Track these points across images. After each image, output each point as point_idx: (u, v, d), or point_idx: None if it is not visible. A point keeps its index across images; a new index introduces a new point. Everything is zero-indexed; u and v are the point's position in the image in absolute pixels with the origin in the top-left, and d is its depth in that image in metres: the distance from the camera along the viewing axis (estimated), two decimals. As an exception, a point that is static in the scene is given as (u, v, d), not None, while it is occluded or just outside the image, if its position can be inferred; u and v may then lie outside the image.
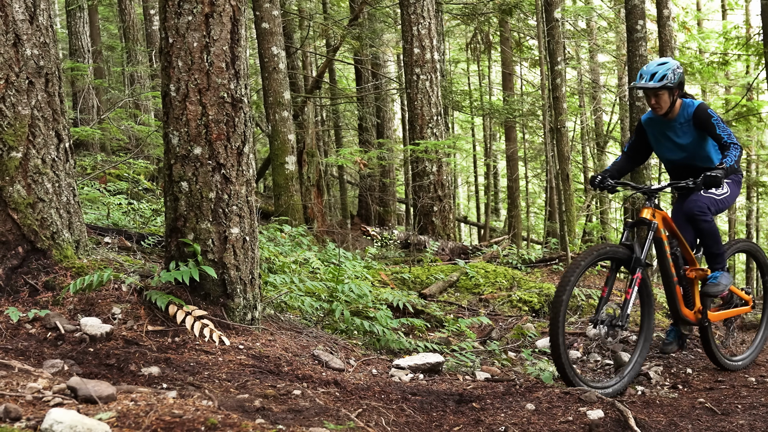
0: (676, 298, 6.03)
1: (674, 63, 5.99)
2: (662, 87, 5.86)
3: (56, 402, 3.03)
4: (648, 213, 5.81)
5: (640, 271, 5.58)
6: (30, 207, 4.97)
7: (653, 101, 5.97)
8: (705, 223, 5.98)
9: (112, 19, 24.72)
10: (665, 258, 5.93)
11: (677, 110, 6.08)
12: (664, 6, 13.87)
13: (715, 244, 6.12)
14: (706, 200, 5.98)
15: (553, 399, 4.96)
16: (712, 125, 5.90)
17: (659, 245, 5.89)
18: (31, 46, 5.01)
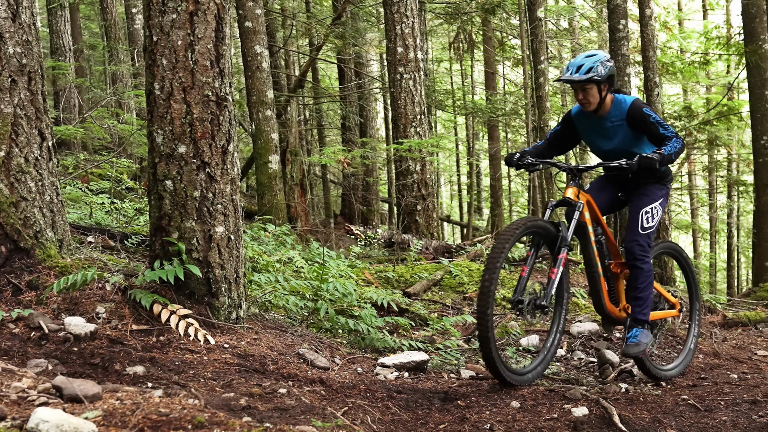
0: (600, 292, 5.65)
1: (604, 55, 5.59)
2: (589, 80, 5.44)
3: (41, 401, 3.02)
4: (572, 193, 5.46)
5: (566, 251, 5.27)
6: (13, 206, 4.94)
7: (581, 96, 5.57)
8: (644, 263, 5.67)
9: (93, 17, 24.61)
10: (589, 245, 5.56)
11: (608, 107, 5.67)
12: (646, 5, 13.92)
13: (647, 287, 5.73)
14: (646, 238, 5.68)
15: (537, 396, 4.98)
16: (651, 124, 5.54)
17: (582, 230, 5.51)
18: (14, 44, 4.99)
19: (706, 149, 21.04)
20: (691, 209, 24.77)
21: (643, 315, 5.70)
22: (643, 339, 5.62)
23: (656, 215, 5.73)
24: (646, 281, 5.67)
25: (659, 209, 5.76)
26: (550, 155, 5.98)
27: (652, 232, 5.70)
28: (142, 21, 17.72)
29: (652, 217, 5.71)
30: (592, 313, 7.74)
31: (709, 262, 24.22)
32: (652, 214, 5.71)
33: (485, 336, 4.91)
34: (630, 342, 5.62)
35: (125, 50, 18.74)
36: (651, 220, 5.70)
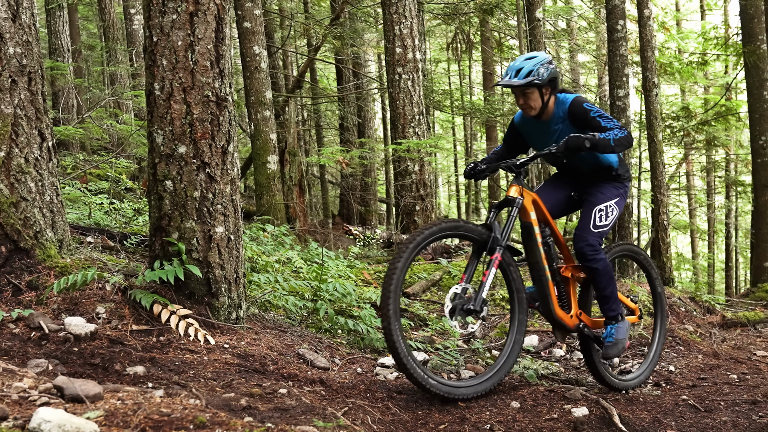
0: (548, 297, 5.29)
1: (545, 57, 5.29)
2: (529, 84, 5.14)
3: (43, 401, 3.02)
4: (515, 191, 5.14)
5: (500, 252, 4.92)
6: (13, 206, 4.94)
7: (521, 101, 5.27)
8: (598, 263, 5.34)
9: (91, 18, 24.59)
10: (536, 247, 5.22)
11: (551, 110, 5.35)
12: (644, 6, 13.94)
13: (609, 285, 5.43)
14: (597, 237, 5.37)
15: (537, 397, 4.98)
16: (592, 119, 5.20)
17: (528, 231, 5.22)
18: (14, 45, 4.98)
19: (704, 150, 21.08)
20: (689, 210, 24.78)
21: (613, 311, 5.47)
22: (619, 335, 5.41)
23: (611, 214, 5.45)
24: (605, 279, 5.39)
25: (615, 208, 5.48)
26: (510, 157, 5.67)
27: (604, 231, 5.41)
28: (140, 21, 17.73)
29: (606, 216, 5.43)
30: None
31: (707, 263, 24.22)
32: (606, 212, 5.44)
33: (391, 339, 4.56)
34: (607, 343, 5.41)
35: (124, 51, 18.74)
36: (605, 218, 5.42)
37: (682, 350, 6.92)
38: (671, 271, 13.71)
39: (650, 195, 14.37)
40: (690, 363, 6.54)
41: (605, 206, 5.45)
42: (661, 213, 13.82)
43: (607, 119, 5.18)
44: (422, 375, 4.60)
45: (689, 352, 6.90)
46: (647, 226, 20.61)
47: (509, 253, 5.09)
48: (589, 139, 4.97)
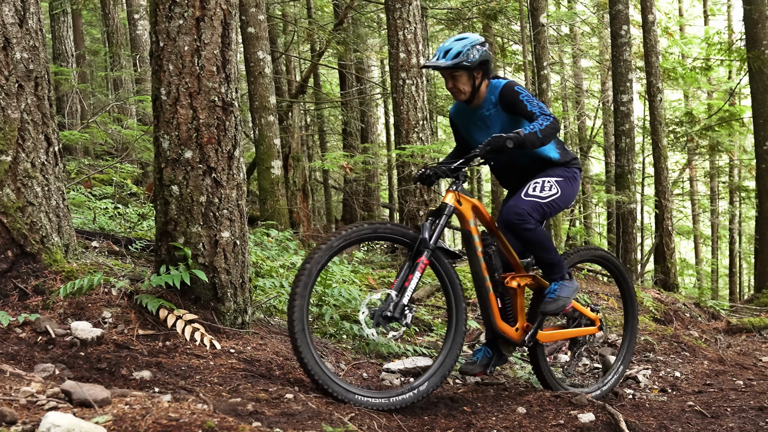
0: (489, 309, 5.05)
1: (476, 38, 5.03)
2: (456, 66, 4.93)
3: (51, 406, 3.02)
4: (450, 197, 4.88)
5: (427, 255, 4.65)
6: (19, 211, 4.94)
7: (450, 84, 5.05)
8: (527, 232, 5.00)
9: (95, 23, 24.63)
10: (475, 257, 4.96)
11: (483, 96, 5.13)
12: (648, 11, 13.96)
13: (546, 253, 5.12)
14: (526, 204, 5.02)
15: (543, 402, 4.97)
16: (520, 102, 4.96)
17: (467, 240, 4.98)
18: (21, 50, 4.99)
19: (707, 155, 21.07)
20: (693, 215, 24.78)
21: (556, 274, 5.15)
22: (562, 293, 5.11)
23: (548, 189, 5.10)
24: (541, 246, 5.06)
25: (555, 186, 5.13)
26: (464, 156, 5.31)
27: (537, 203, 5.04)
28: (144, 27, 17.76)
29: (542, 188, 5.09)
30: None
31: (711, 268, 24.22)
32: (542, 185, 5.11)
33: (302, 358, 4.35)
34: (548, 298, 5.12)
35: (127, 56, 18.76)
36: (539, 189, 5.08)
37: (688, 356, 6.91)
38: (676, 276, 13.71)
39: (654, 200, 14.37)
40: (696, 369, 6.53)
41: (543, 180, 5.15)
42: (665, 218, 13.82)
43: (534, 105, 4.94)
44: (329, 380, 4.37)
45: (695, 358, 6.89)
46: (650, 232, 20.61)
47: (443, 255, 4.82)
48: (511, 138, 4.70)
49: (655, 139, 14.32)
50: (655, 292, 10.16)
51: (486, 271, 4.99)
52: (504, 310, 5.19)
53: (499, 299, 5.12)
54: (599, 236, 23.59)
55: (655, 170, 14.58)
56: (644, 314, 8.39)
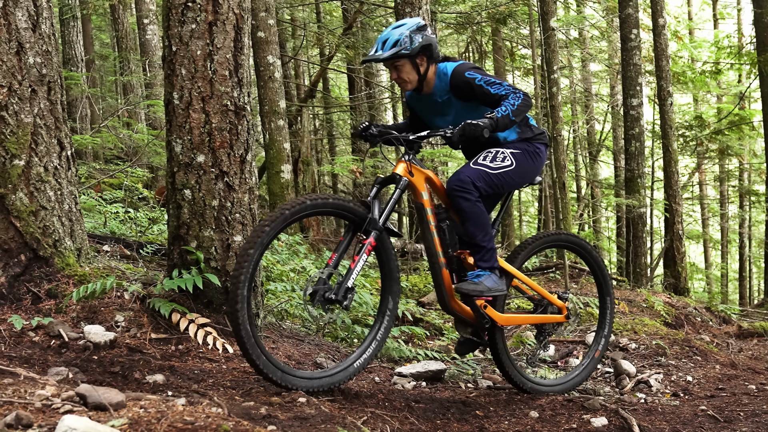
0: (442, 286, 4.79)
1: (414, 23, 4.73)
2: (396, 56, 4.65)
3: (66, 409, 3.02)
4: (402, 168, 4.63)
5: (375, 236, 4.42)
6: (32, 215, 4.96)
7: (395, 75, 4.77)
8: (464, 202, 4.68)
9: (104, 28, 24.71)
10: (428, 231, 4.71)
11: (433, 82, 4.84)
12: (659, 15, 13.94)
13: (479, 232, 4.74)
14: (471, 172, 4.71)
15: (556, 406, 4.97)
16: (478, 87, 4.67)
17: (420, 213, 4.73)
18: (34, 54, 5.01)
19: (717, 159, 21.03)
20: (702, 219, 24.73)
21: (486, 262, 4.80)
22: (486, 282, 4.74)
23: (500, 160, 4.79)
24: (474, 223, 4.73)
25: (510, 159, 4.83)
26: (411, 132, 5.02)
27: (486, 173, 4.75)
28: (153, 31, 17.81)
29: (494, 158, 4.79)
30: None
31: (720, 273, 24.16)
32: (495, 156, 4.81)
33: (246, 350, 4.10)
34: (470, 279, 4.78)
35: (137, 60, 18.81)
36: (491, 159, 4.78)
37: (700, 360, 6.89)
38: (686, 280, 13.68)
39: (663, 204, 14.35)
40: (708, 373, 6.51)
41: (497, 150, 4.86)
42: (675, 222, 13.79)
43: (496, 85, 4.66)
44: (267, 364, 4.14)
45: (706, 362, 6.87)
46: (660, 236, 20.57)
47: (388, 236, 4.59)
48: (487, 126, 4.44)
49: (665, 143, 14.29)
50: (665, 296, 10.14)
51: (439, 246, 4.75)
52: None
53: (454, 276, 4.86)
54: (608, 240, 23.54)
55: (665, 174, 14.54)
56: (655, 318, 8.37)
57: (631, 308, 8.70)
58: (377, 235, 4.44)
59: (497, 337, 5.09)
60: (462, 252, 4.87)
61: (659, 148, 17.46)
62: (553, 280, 9.78)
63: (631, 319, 8.10)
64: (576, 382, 5.52)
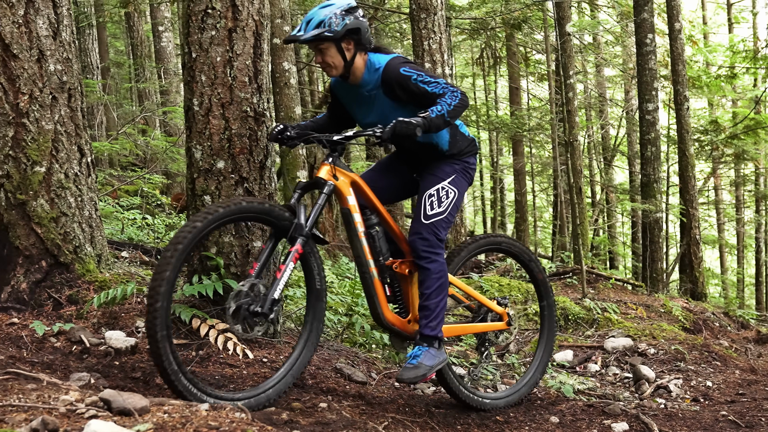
0: (374, 297, 4.50)
1: (343, 3, 4.39)
2: (319, 38, 4.32)
3: (91, 414, 3.03)
4: (325, 171, 4.37)
5: (302, 242, 4.18)
6: (53, 221, 4.99)
7: (319, 59, 4.45)
8: (432, 264, 4.52)
9: (119, 35, 24.82)
10: (356, 238, 4.46)
11: (361, 73, 4.51)
12: (675, 19, 13.92)
13: (436, 295, 4.53)
14: (432, 229, 4.54)
15: (576, 412, 4.96)
16: (413, 85, 4.37)
17: (347, 219, 4.46)
18: (55, 62, 5.04)
19: (733, 163, 20.95)
20: (718, 224, 24.62)
21: (431, 329, 4.53)
22: (426, 361, 4.44)
23: (445, 198, 4.60)
24: (434, 285, 4.52)
25: (451, 190, 4.63)
26: (333, 129, 4.91)
27: (440, 220, 4.56)
28: (168, 39, 17.88)
29: (439, 202, 4.57)
30: (625, 329, 7.71)
31: (736, 278, 24.03)
32: (438, 197, 4.58)
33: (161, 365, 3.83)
34: (408, 365, 4.46)
35: (152, 68, 18.89)
36: (437, 205, 4.57)
37: (719, 365, 6.86)
38: (704, 286, 13.62)
39: (680, 209, 14.31)
40: (727, 378, 6.48)
41: (437, 190, 4.61)
42: (692, 227, 13.75)
43: (433, 83, 4.36)
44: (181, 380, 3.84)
45: (726, 368, 6.84)
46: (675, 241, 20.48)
47: (314, 243, 4.37)
48: (420, 125, 4.17)
49: (681, 148, 14.26)
50: (683, 301, 10.11)
51: (369, 254, 4.48)
52: (394, 298, 4.68)
53: (387, 287, 4.59)
54: (623, 245, 23.47)
55: (681, 179, 14.49)
56: (673, 323, 8.35)
57: (648, 313, 8.67)
58: (304, 242, 4.21)
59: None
60: (395, 261, 4.62)
61: (674, 152, 17.42)
62: (570, 286, 9.75)
63: (650, 324, 8.07)
64: (520, 395, 5.18)
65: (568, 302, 8.31)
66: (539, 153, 24.05)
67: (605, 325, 7.92)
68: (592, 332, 7.75)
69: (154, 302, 3.75)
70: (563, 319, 8.03)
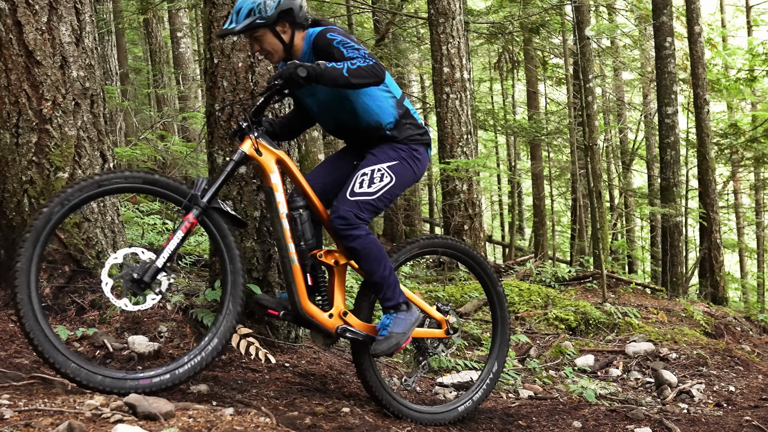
0: (292, 285, 4.21)
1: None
2: (251, 27, 4.12)
3: (117, 419, 3.05)
4: (248, 145, 4.14)
5: (195, 214, 3.93)
6: (76, 226, 5.01)
7: (257, 48, 4.27)
8: (354, 240, 4.23)
9: (137, 41, 24.94)
10: (277, 219, 4.20)
11: (300, 50, 4.29)
12: (695, 22, 13.86)
13: (377, 266, 4.29)
14: (352, 206, 4.23)
15: (599, 417, 4.94)
16: (335, 48, 4.11)
17: (269, 199, 4.24)
18: (77, 68, 5.07)
19: (752, 167, 20.82)
20: (738, 228, 24.47)
21: (390, 300, 4.32)
22: (396, 328, 4.26)
23: (379, 180, 4.31)
24: (370, 260, 4.27)
25: (387, 176, 4.34)
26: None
27: (367, 201, 4.26)
28: (186, 45, 17.97)
29: (371, 182, 4.29)
30: (646, 333, 7.67)
31: (756, 282, 23.86)
32: (372, 177, 4.31)
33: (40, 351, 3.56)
34: (379, 337, 4.27)
35: (171, 73, 18.98)
36: (368, 184, 4.29)
37: (742, 370, 6.82)
38: (725, 290, 13.55)
39: (699, 213, 14.24)
40: (750, 383, 6.44)
41: (372, 170, 4.34)
42: (713, 231, 13.68)
43: (352, 49, 4.10)
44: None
45: (749, 372, 6.80)
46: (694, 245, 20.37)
47: (225, 220, 4.08)
48: (306, 67, 3.91)
49: (702, 152, 14.19)
50: (704, 305, 10.05)
51: (290, 238, 4.19)
52: (316, 289, 4.35)
53: (309, 276, 4.28)
54: (642, 249, 23.36)
55: (702, 183, 14.43)
56: (695, 328, 8.30)
57: (670, 318, 8.62)
58: (198, 213, 3.94)
59: (360, 353, 4.44)
60: (320, 250, 4.33)
61: (693, 156, 17.33)
62: (590, 290, 9.72)
63: (671, 328, 8.03)
64: (466, 410, 4.71)
65: (588, 307, 8.28)
66: (557, 157, 23.99)
67: (626, 330, 7.88)
68: (613, 337, 7.72)
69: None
70: (584, 323, 8.00)
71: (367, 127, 4.38)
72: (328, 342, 4.42)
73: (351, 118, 4.36)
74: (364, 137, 4.44)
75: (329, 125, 4.57)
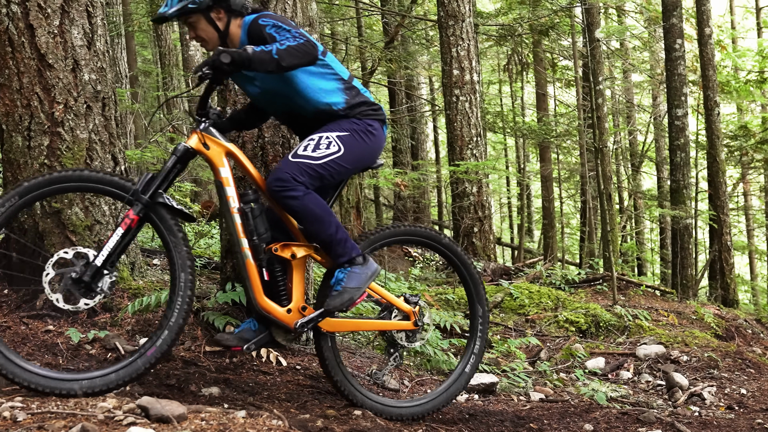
0: (247, 281, 4.09)
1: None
2: (184, 12, 4.01)
3: (129, 421, 3.05)
4: (194, 140, 4.03)
5: (137, 210, 3.82)
6: (88, 229, 5.02)
7: (192, 34, 4.15)
8: (291, 201, 4.02)
9: (146, 44, 25.01)
10: (228, 214, 4.10)
11: (238, 39, 4.17)
12: (705, 24, 13.83)
13: (320, 225, 4.09)
14: (291, 167, 4.04)
15: (611, 419, 4.93)
16: (268, 35, 3.98)
17: (220, 193, 4.13)
18: (89, 71, 5.09)
19: (762, 169, 20.76)
20: (747, 230, 24.41)
21: (341, 257, 4.18)
22: (350, 283, 4.14)
23: (325, 148, 4.12)
24: (312, 219, 4.08)
25: (336, 144, 4.15)
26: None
27: (307, 165, 4.07)
28: (196, 47, 17.98)
29: (317, 146, 4.12)
30: (656, 336, 7.65)
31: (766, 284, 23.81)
32: (318, 142, 4.13)
33: None
34: (333, 292, 4.16)
35: (180, 76, 19.01)
36: (312, 148, 4.11)
37: (753, 373, 6.79)
38: (735, 292, 13.51)
39: (709, 215, 14.21)
40: (762, 386, 6.42)
41: (320, 136, 4.17)
42: (723, 233, 13.65)
43: (283, 30, 3.96)
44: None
45: (760, 375, 6.77)
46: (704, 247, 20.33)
47: (171, 215, 3.93)
48: (230, 52, 3.80)
49: (712, 154, 14.16)
50: (714, 308, 10.02)
51: (242, 233, 4.06)
52: (273, 284, 4.21)
53: (266, 270, 4.14)
54: (651, 252, 23.32)
55: (712, 185, 14.39)
56: (705, 330, 8.27)
57: (680, 320, 8.60)
58: (140, 209, 3.83)
59: (323, 347, 4.33)
60: (276, 244, 4.15)
61: (703, 158, 17.29)
62: (600, 292, 9.70)
63: (681, 331, 8.01)
64: (438, 404, 4.61)
65: (598, 309, 8.26)
66: (566, 159, 23.96)
67: (637, 332, 7.87)
68: (623, 339, 7.70)
69: None
70: (594, 326, 7.98)
71: (316, 110, 4.25)
72: (289, 338, 4.29)
73: (297, 104, 4.23)
74: (316, 125, 4.27)
75: (278, 114, 4.46)
